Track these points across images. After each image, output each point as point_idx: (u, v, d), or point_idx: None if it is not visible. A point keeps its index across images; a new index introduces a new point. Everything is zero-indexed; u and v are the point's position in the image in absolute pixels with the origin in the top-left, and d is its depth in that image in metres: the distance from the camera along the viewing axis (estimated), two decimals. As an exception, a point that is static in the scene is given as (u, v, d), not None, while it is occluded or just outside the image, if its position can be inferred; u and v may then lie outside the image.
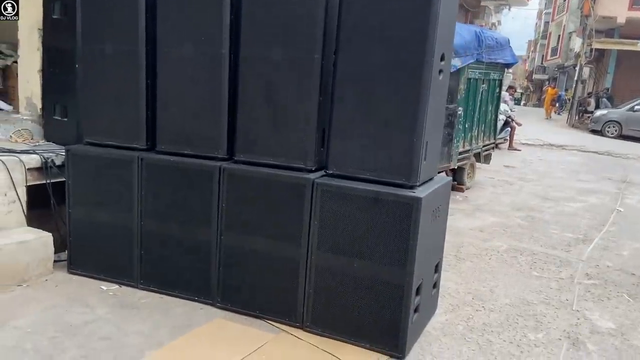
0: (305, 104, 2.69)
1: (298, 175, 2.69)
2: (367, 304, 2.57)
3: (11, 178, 3.21)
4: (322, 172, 2.74)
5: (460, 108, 6.09)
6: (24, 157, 3.32)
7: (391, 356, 2.54)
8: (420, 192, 2.48)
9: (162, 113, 3.02)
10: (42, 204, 3.51)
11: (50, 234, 3.29)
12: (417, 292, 2.61)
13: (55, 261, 3.38)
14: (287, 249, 2.73)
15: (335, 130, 2.64)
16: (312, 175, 2.69)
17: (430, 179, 2.76)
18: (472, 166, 7.10)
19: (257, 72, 2.76)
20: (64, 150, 3.32)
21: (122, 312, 2.85)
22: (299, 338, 2.66)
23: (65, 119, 3.77)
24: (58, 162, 3.45)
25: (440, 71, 2.55)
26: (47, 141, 3.93)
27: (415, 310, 2.62)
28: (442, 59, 2.52)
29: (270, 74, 2.73)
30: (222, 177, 2.84)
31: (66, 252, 3.35)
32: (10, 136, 3.84)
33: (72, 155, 3.19)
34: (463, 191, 6.79)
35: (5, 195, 3.21)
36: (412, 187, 2.51)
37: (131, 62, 3.04)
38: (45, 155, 3.43)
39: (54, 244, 3.33)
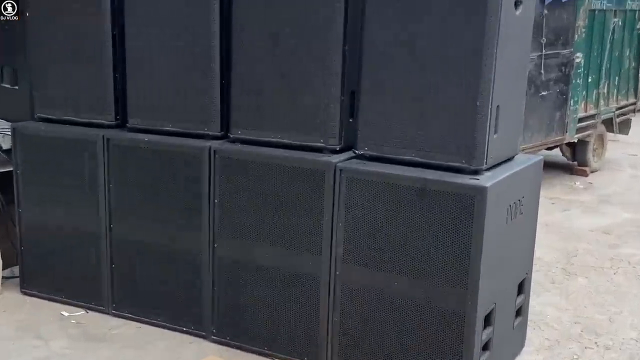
0: (325, 55, 2.70)
1: (316, 158, 2.71)
2: (415, 338, 2.56)
3: (-58, 168, 3.43)
4: (350, 153, 2.74)
5: (578, 54, 5.89)
6: (-42, 139, 3.52)
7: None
8: (487, 179, 2.43)
9: (134, 75, 3.12)
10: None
11: (-4, 242, 3.48)
12: (487, 322, 2.57)
13: (4, 278, 3.58)
14: (304, 261, 2.76)
15: (367, 92, 2.63)
16: (335, 158, 2.70)
17: (508, 160, 2.70)
18: (601, 138, 6.87)
19: (257, 10, 2.80)
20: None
21: (86, 347, 2.98)
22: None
23: (16, 87, 3.94)
24: (5, 145, 3.63)
25: (518, 2, 2.48)
26: (-6, 118, 4.15)
27: (485, 348, 2.58)
28: (517, -16, 2.46)
29: (276, 13, 2.76)
30: (214, 163, 2.90)
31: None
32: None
33: (21, 136, 3.35)
34: (586, 175, 6.60)
35: (-63, 190, 3.42)
36: (475, 172, 2.47)
37: (92, 5, 3.14)
38: (-12, 136, 3.63)
39: (1, 255, 3.53)
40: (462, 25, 2.41)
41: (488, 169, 2.52)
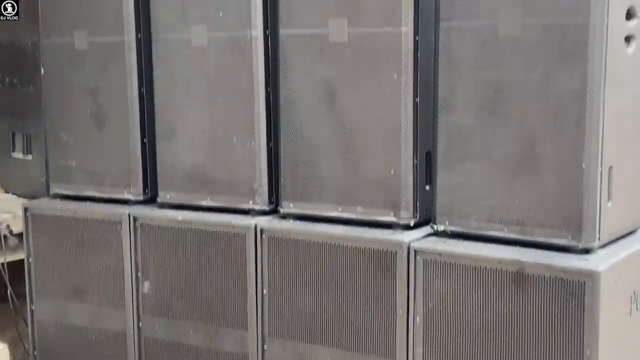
0: (391, 111, 2.78)
1: (385, 237, 2.76)
2: None
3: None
4: (428, 230, 2.78)
5: None
6: (-37, 222, 3.74)
7: None
8: (601, 260, 2.40)
9: (166, 141, 3.28)
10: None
11: (5, 346, 3.63)
12: None
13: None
14: (373, 366, 2.79)
15: (446, 154, 2.68)
16: (408, 236, 2.74)
17: (628, 234, 2.67)
18: None
19: (307, 60, 2.92)
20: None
21: None
22: None
23: (29, 157, 4.19)
24: (17, 228, 3.83)
25: (630, 38, 2.51)
26: (6, 192, 4.38)
27: None
28: (629, 16, 2.48)
29: (330, 63, 2.87)
30: (261, 243, 2.99)
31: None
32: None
33: (34, 216, 3.54)
34: None
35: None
36: (585, 252, 2.45)
37: (115, 61, 3.35)
38: (-3, 217, 3.83)
39: (14, 358, 3.68)
40: (559, 69, 2.44)
41: (602, 247, 2.50)
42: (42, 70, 3.68)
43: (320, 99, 2.91)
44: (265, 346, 3.02)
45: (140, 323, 3.32)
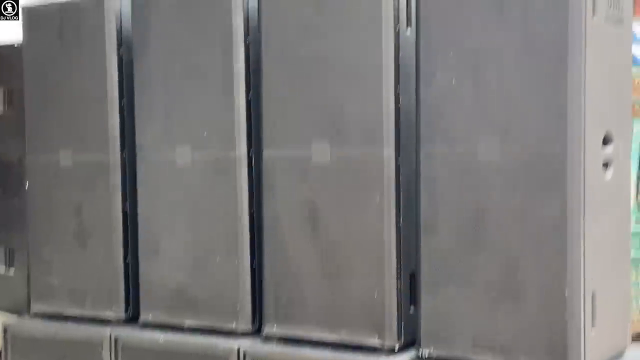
0: (374, 233, 2.79)
1: (367, 363, 2.73)
2: None
3: None
4: (412, 354, 2.75)
5: None
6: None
7: None
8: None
9: (148, 260, 3.27)
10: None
11: None
12: None
13: None
14: None
15: (429, 279, 2.68)
16: (393, 360, 2.72)
17: (615, 358, 2.66)
18: None
19: (290, 181, 2.95)
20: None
21: None
22: None
23: (11, 271, 4.17)
24: (-4, 346, 3.78)
25: (607, 164, 2.55)
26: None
27: None
28: (606, 141, 2.53)
29: (313, 184, 2.90)
30: (244, 369, 2.95)
31: None
32: None
33: (13, 338, 3.50)
34: None
35: None
36: (570, 376, 2.44)
37: (99, 180, 3.38)
38: (-25, 336, 3.78)
39: None
40: (539, 195, 2.46)
41: (584, 377, 2.48)
42: (27, 186, 3.70)
43: (303, 220, 2.92)
44: None
45: None
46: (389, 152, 2.77)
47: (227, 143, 3.09)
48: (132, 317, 3.34)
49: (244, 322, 3.07)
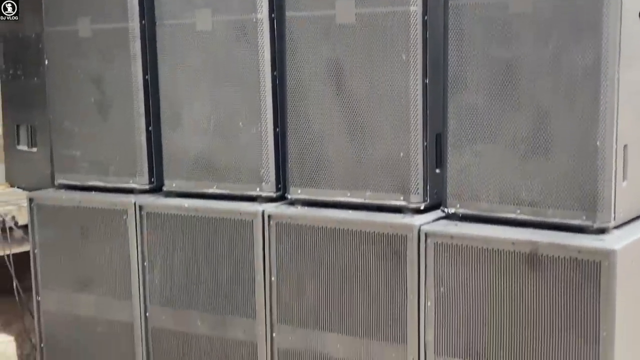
0: (400, 92, 2.74)
1: (394, 221, 2.72)
2: None
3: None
4: (438, 213, 2.74)
5: None
6: (-33, 215, 3.72)
7: None
8: (617, 240, 2.36)
9: (171, 128, 3.24)
10: (2, 289, 3.87)
11: (12, 339, 3.60)
12: None
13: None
14: (387, 354, 2.74)
15: (456, 135, 2.64)
16: (418, 219, 2.70)
17: (647, 213, 2.64)
18: None
19: (314, 42, 2.88)
20: (27, 201, 3.68)
21: None
22: None
23: (34, 149, 4.17)
24: (22, 220, 3.80)
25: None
26: (12, 186, 4.36)
27: None
28: (642, -11, 2.44)
29: (337, 45, 2.83)
30: (269, 230, 2.95)
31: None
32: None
33: (38, 207, 3.52)
34: None
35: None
36: (600, 232, 2.41)
37: (119, 49, 3.32)
38: (2, 210, 3.80)
39: (21, 355, 3.65)
40: (572, 44, 2.39)
41: (617, 227, 2.46)
42: (46, 60, 3.65)
43: (327, 81, 2.87)
44: (274, 334, 2.99)
45: (147, 313, 3.29)
46: (416, 8, 2.69)
47: (249, 5, 3.01)
48: (156, 187, 3.34)
49: (269, 187, 3.06)
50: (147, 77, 3.31)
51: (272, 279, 2.96)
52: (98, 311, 3.41)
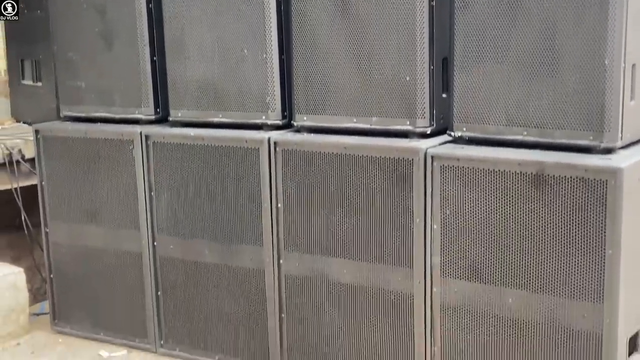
0: (407, 15, 2.71)
1: (400, 145, 2.72)
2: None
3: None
4: (445, 137, 2.73)
5: None
6: (-27, 149, 3.72)
7: None
8: (623, 159, 2.36)
9: (175, 58, 3.22)
10: (7, 222, 3.90)
11: (22, 270, 3.63)
12: (633, 347, 2.49)
13: (34, 315, 3.74)
14: (392, 277, 2.77)
15: (462, 58, 2.62)
16: (425, 143, 2.69)
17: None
18: None
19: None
20: (34, 134, 3.69)
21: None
22: None
23: (39, 84, 4.16)
24: (28, 153, 3.81)
25: None
26: (17, 121, 4.37)
27: (632, 381, 2.51)
28: None
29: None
30: (275, 157, 2.95)
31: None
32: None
33: (45, 139, 3.52)
34: None
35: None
36: (607, 151, 2.41)
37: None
38: (9, 143, 3.80)
39: (32, 289, 3.68)
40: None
41: (624, 147, 2.45)
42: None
43: (332, 7, 2.83)
44: (281, 261, 3.01)
45: (155, 243, 3.31)
46: None
47: None
48: (162, 117, 3.33)
49: (274, 115, 3.05)
50: (150, 5, 3.28)
51: (279, 205, 2.97)
52: (106, 242, 3.44)
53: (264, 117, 3.05)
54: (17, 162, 3.78)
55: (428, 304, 2.70)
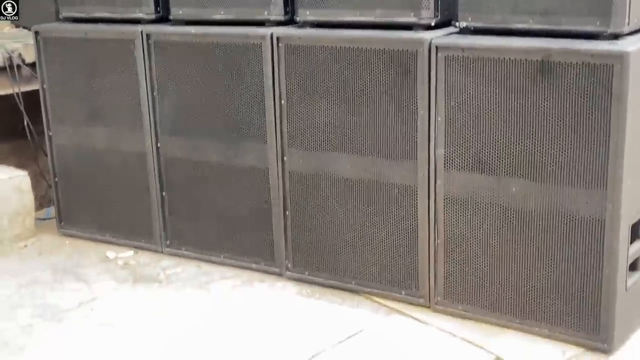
0: None
1: (404, 36, 2.69)
2: (541, 254, 2.55)
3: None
4: (450, 29, 2.71)
5: None
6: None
7: (591, 348, 2.52)
8: (630, 44, 2.33)
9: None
10: (10, 128, 3.90)
11: (26, 173, 3.66)
12: (636, 235, 2.52)
13: (39, 220, 3.79)
14: (396, 171, 2.78)
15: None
16: (429, 34, 2.67)
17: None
18: None
19: None
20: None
21: (137, 289, 3.13)
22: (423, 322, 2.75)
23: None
24: (29, 57, 3.79)
25: None
26: (16, 27, 4.33)
27: (634, 267, 2.54)
28: None
29: None
30: (277, 52, 2.93)
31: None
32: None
33: (45, 40, 3.50)
34: None
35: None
36: (614, 37, 2.38)
37: None
38: (9, 46, 3.78)
39: (37, 196, 3.71)
40: None
41: (631, 33, 2.42)
42: None
43: None
44: (285, 158, 3.02)
45: (159, 144, 3.32)
46: None
47: None
48: (163, 17, 3.29)
49: (277, 11, 3.02)
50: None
51: (282, 102, 2.96)
52: (110, 143, 3.45)
53: (266, 13, 3.02)
54: (18, 66, 3.76)
55: (432, 197, 2.72)
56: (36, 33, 3.50)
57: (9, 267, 3.38)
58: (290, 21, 3.03)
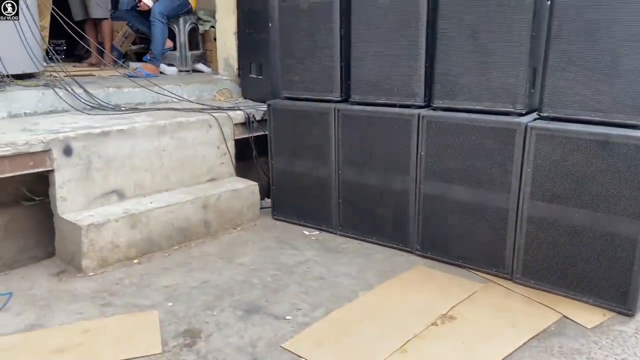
0: (514, 42, 2.50)
1: (508, 120, 2.53)
2: (588, 257, 2.36)
3: (222, 133, 3.55)
4: (535, 116, 2.54)
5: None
6: (230, 113, 3.63)
7: (619, 312, 2.32)
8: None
9: (356, 63, 3.04)
10: (243, 156, 3.83)
11: (256, 183, 3.58)
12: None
13: (261, 208, 3.71)
14: (495, 198, 2.61)
15: (551, 68, 2.40)
16: (524, 119, 2.50)
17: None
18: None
19: (458, 9, 2.63)
20: (262, 106, 3.60)
21: (328, 256, 3.02)
22: (509, 289, 2.57)
23: (260, 77, 4.04)
24: (257, 117, 3.72)
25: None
26: (245, 98, 4.27)
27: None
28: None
29: (474, 13, 2.57)
30: (421, 125, 2.79)
31: (267, 199, 3.70)
32: (214, 95, 4.25)
33: (273, 110, 3.41)
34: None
35: (218, 148, 3.56)
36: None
37: (325, 15, 3.09)
38: (248, 111, 3.71)
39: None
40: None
41: None
42: (269, 23, 3.48)
43: (464, 35, 2.63)
44: (421, 185, 2.87)
45: (339, 172, 3.19)
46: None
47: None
48: (346, 99, 3.18)
49: (420, 100, 2.88)
50: (341, 32, 3.09)
51: (422, 153, 2.82)
52: (308, 170, 3.33)
53: (412, 101, 2.88)
54: (252, 122, 3.68)
55: (519, 215, 2.55)
56: (269, 105, 3.41)
57: (250, 237, 3.31)
58: (427, 105, 2.88)
